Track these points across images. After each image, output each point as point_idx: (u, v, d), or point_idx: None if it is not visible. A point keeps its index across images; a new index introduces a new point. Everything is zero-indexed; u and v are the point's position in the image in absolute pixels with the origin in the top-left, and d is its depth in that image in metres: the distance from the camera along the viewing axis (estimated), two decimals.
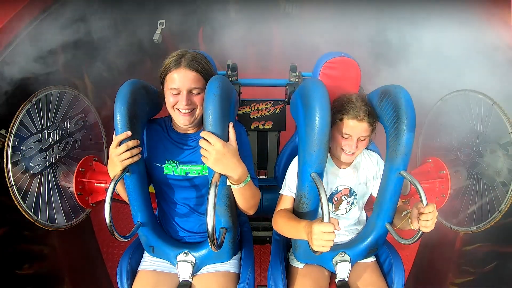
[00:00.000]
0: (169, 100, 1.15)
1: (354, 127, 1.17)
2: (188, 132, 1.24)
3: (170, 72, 1.13)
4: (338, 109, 1.19)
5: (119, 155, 1.08)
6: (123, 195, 1.24)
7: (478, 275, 1.67)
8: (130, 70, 2.13)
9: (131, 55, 2.14)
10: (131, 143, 1.10)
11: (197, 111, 1.17)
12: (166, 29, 1.88)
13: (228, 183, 1.09)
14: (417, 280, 2.09)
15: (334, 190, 1.30)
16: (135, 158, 1.11)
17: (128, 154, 1.09)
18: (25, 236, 1.56)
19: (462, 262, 1.77)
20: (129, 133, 1.09)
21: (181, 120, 1.16)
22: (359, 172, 1.31)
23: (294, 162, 1.28)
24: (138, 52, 2.31)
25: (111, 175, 1.12)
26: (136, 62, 2.27)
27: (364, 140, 1.20)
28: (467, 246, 1.74)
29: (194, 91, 1.14)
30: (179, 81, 1.12)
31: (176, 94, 1.14)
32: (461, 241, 1.78)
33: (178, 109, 1.15)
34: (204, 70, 1.15)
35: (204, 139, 1.03)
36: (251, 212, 1.21)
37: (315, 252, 1.02)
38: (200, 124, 1.23)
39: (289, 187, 1.27)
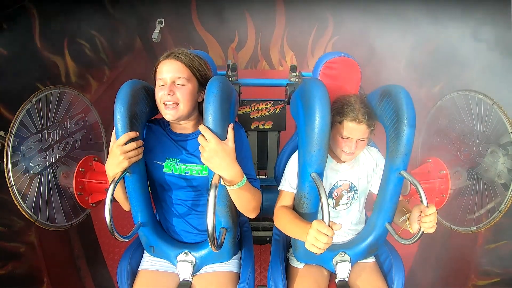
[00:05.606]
0: (158, 94, 1.15)
1: (353, 129, 1.18)
2: (187, 132, 1.24)
3: (159, 65, 1.16)
4: (337, 111, 1.19)
5: (127, 152, 1.08)
6: (120, 198, 1.22)
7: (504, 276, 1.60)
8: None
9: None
10: (138, 143, 1.11)
11: (181, 106, 1.13)
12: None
13: (222, 183, 1.08)
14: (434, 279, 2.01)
15: (334, 185, 1.30)
16: (140, 157, 1.14)
17: (135, 152, 1.10)
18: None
19: (485, 262, 1.69)
20: (137, 133, 1.11)
21: (166, 115, 1.15)
22: (359, 167, 1.32)
23: (294, 157, 1.28)
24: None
25: (112, 171, 1.10)
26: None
27: (363, 141, 1.21)
28: (490, 244, 1.66)
29: (178, 82, 1.13)
30: (164, 71, 1.13)
31: (162, 86, 1.14)
32: (483, 238, 1.68)
33: (164, 103, 1.14)
34: (192, 63, 1.16)
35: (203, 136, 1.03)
36: (252, 215, 1.20)
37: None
38: (198, 125, 1.23)
39: (290, 182, 1.27)
